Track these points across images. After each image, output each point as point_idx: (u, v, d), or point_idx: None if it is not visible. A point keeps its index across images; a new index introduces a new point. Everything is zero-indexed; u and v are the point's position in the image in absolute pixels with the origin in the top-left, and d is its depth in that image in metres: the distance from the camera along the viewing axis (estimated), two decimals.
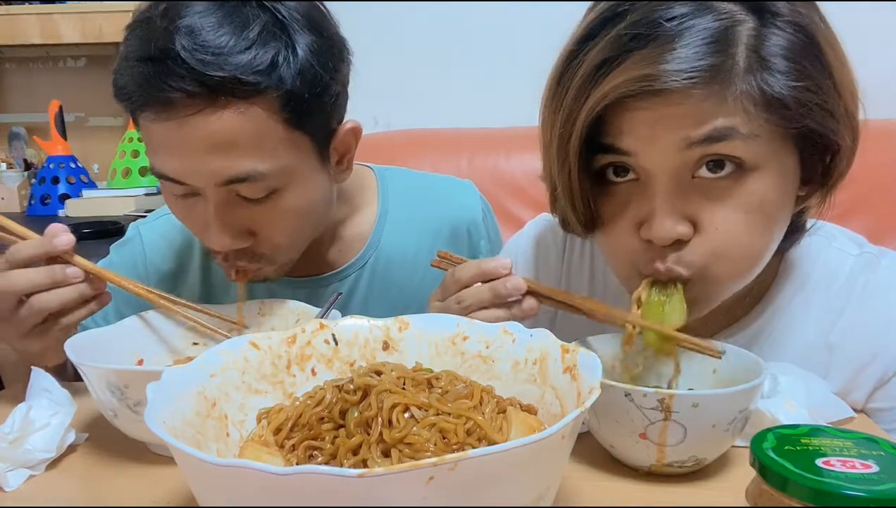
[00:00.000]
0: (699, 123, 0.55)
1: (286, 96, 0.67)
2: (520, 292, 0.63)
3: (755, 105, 0.55)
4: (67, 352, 0.60)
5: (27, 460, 0.57)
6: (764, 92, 0.55)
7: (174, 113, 0.65)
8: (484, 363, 0.57)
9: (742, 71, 0.54)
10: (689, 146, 0.56)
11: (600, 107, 0.56)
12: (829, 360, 0.69)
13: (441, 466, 0.34)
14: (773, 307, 0.71)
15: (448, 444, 0.45)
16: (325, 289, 0.90)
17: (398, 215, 0.93)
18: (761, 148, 0.57)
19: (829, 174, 0.61)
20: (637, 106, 0.56)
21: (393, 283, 0.91)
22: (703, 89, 0.54)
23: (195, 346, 0.76)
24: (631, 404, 0.52)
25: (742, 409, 0.53)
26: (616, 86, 0.55)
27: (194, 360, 0.52)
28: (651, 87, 0.54)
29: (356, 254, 0.91)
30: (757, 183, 0.58)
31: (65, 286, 0.65)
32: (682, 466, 0.55)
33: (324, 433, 0.49)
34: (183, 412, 0.47)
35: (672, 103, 0.55)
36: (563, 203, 0.64)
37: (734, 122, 0.55)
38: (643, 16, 0.55)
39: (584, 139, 0.58)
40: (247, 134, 0.67)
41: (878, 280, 0.69)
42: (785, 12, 0.56)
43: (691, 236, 0.59)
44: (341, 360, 0.59)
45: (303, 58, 0.68)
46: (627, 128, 0.58)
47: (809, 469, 0.39)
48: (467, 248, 0.94)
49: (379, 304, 0.91)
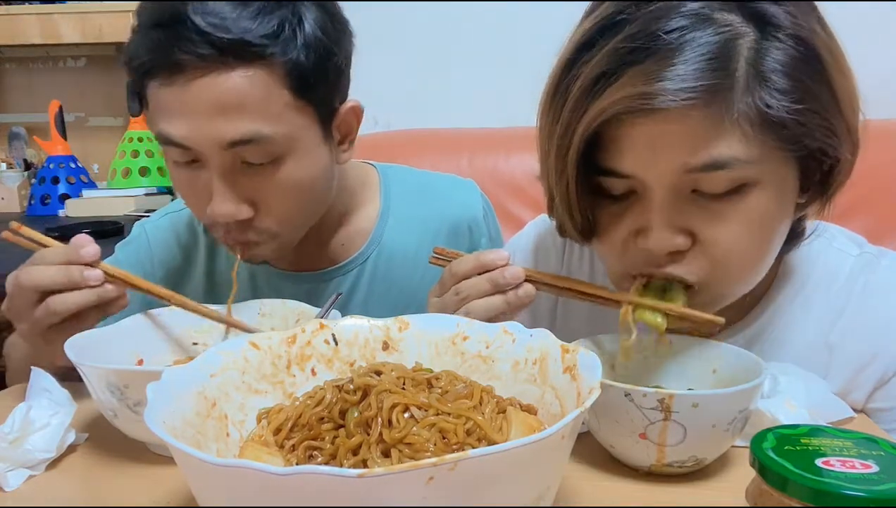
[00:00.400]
0: (697, 148, 0.54)
1: (292, 64, 0.70)
2: (518, 280, 0.63)
3: (753, 126, 0.54)
4: (67, 352, 0.60)
5: (27, 460, 0.57)
6: (763, 113, 0.53)
7: (183, 76, 0.67)
8: (484, 363, 0.57)
9: (742, 89, 0.53)
10: (687, 172, 0.56)
11: (597, 123, 0.55)
12: (829, 360, 0.69)
13: (441, 466, 0.34)
14: (773, 308, 0.71)
15: (448, 444, 0.45)
16: (328, 284, 0.90)
17: (400, 213, 0.94)
18: (761, 166, 0.56)
19: (827, 183, 0.60)
20: (635, 122, 0.55)
21: (394, 279, 0.92)
22: (702, 110, 0.53)
23: (195, 346, 0.76)
24: (631, 404, 0.52)
25: (742, 409, 0.53)
26: (614, 102, 0.54)
27: (194, 360, 0.52)
28: (650, 105, 0.53)
29: (358, 250, 0.91)
30: (757, 198, 0.57)
31: (83, 289, 0.65)
32: (682, 466, 0.55)
33: (324, 433, 0.49)
34: (183, 413, 0.47)
35: (671, 121, 0.54)
36: (561, 212, 0.64)
37: (733, 150, 0.54)
38: (641, 27, 0.54)
39: (581, 154, 0.58)
40: (253, 97, 0.68)
41: (878, 280, 0.69)
42: (786, 24, 0.54)
43: (689, 247, 0.58)
44: (341, 360, 0.59)
45: (309, 30, 0.70)
46: (626, 146, 0.57)
47: (809, 469, 0.39)
48: (468, 245, 0.94)
49: (380, 300, 0.91)
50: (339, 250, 0.91)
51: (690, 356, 0.63)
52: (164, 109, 0.70)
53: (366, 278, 0.91)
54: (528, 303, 0.64)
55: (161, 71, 0.68)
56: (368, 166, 0.98)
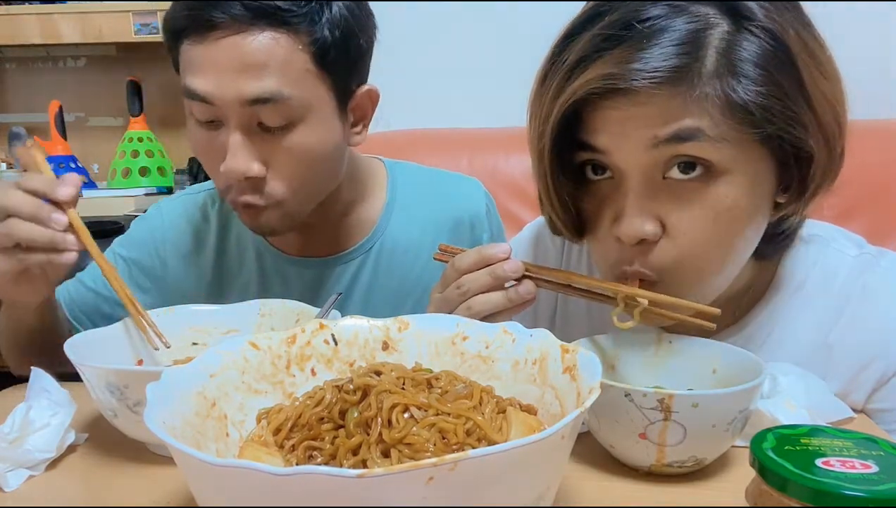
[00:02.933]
0: (665, 122, 0.56)
1: (318, 35, 0.75)
2: (518, 273, 0.63)
3: (720, 110, 0.55)
4: (67, 352, 0.60)
5: (27, 460, 0.57)
6: (728, 97, 0.55)
7: (213, 34, 0.72)
8: (484, 363, 0.57)
9: (709, 74, 0.55)
10: (656, 145, 0.57)
11: (569, 105, 0.58)
12: (828, 361, 0.69)
13: (441, 466, 0.34)
14: (773, 308, 0.71)
15: (448, 444, 0.45)
16: (332, 270, 0.93)
17: (405, 205, 0.96)
18: (731, 152, 0.57)
19: (805, 183, 0.60)
20: (606, 105, 0.57)
21: (396, 269, 0.94)
22: (668, 90, 0.55)
23: (195, 346, 0.76)
24: (631, 404, 0.52)
25: (742, 409, 0.53)
26: (584, 83, 0.56)
27: (194, 360, 0.52)
28: (616, 85, 0.55)
29: (363, 239, 0.94)
30: (727, 187, 0.58)
31: (44, 227, 0.67)
32: (682, 466, 0.55)
33: (323, 433, 0.49)
34: (182, 413, 0.47)
35: (639, 103, 0.56)
36: (546, 205, 0.65)
37: (700, 123, 0.56)
38: (620, 17, 0.56)
39: (557, 135, 0.60)
40: (276, 59, 0.73)
41: (878, 281, 0.69)
42: (760, 17, 0.56)
43: (659, 236, 0.59)
44: (341, 360, 0.59)
45: (336, 9, 0.76)
46: (600, 126, 0.59)
47: (809, 469, 0.39)
48: (469, 241, 0.96)
49: (381, 289, 0.94)
50: (346, 238, 0.94)
51: (690, 356, 0.63)
52: (194, 65, 0.75)
53: (369, 266, 0.94)
54: (529, 300, 0.64)
55: (194, 30, 0.73)
56: (376, 161, 1.01)
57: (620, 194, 0.60)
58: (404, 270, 0.94)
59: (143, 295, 0.94)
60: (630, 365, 0.65)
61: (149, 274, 0.95)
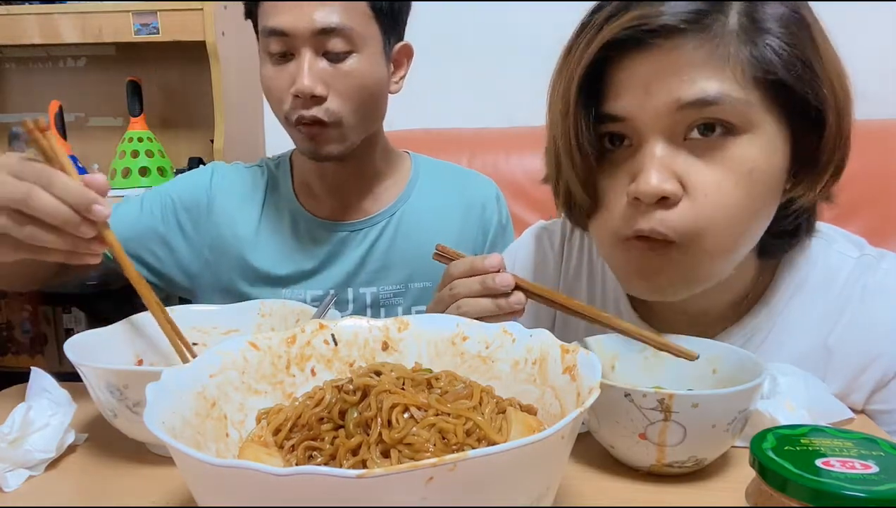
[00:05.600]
0: (690, 83, 0.57)
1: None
2: (508, 287, 0.64)
3: (742, 70, 0.57)
4: (67, 352, 0.60)
5: (27, 460, 0.57)
6: (752, 55, 0.56)
7: None
8: (483, 364, 0.57)
9: (734, 29, 0.57)
10: (680, 108, 0.57)
11: (597, 51, 0.59)
12: (828, 362, 0.69)
13: (440, 466, 0.34)
14: (773, 309, 0.71)
15: (448, 444, 0.45)
16: (358, 232, 1.06)
17: (426, 182, 1.11)
18: (752, 113, 0.58)
19: (818, 158, 0.61)
20: (631, 62, 0.59)
21: (413, 233, 1.07)
22: (692, 40, 0.56)
23: (195, 346, 0.76)
24: (631, 404, 0.52)
25: (742, 409, 0.53)
26: (612, 29, 0.58)
27: (194, 360, 0.52)
28: (646, 25, 0.56)
29: (387, 205, 1.08)
30: (747, 148, 0.58)
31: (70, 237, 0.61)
32: (682, 466, 0.55)
33: (323, 433, 0.48)
34: (182, 413, 0.47)
35: (664, 60, 0.57)
36: (565, 168, 0.64)
37: (725, 87, 0.57)
38: None
39: (584, 86, 0.60)
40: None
41: (878, 283, 0.69)
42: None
43: (679, 196, 0.59)
44: (341, 360, 0.59)
45: None
46: (623, 88, 0.60)
47: (809, 469, 0.39)
48: (479, 222, 1.10)
49: (399, 252, 1.06)
50: (372, 204, 1.07)
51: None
52: (272, 7, 0.91)
53: (390, 230, 1.07)
54: (519, 310, 0.65)
55: None
56: (403, 151, 1.17)
57: (639, 158, 0.60)
58: (421, 237, 1.06)
59: (182, 238, 1.04)
60: (630, 365, 0.65)
61: (192, 212, 1.05)
